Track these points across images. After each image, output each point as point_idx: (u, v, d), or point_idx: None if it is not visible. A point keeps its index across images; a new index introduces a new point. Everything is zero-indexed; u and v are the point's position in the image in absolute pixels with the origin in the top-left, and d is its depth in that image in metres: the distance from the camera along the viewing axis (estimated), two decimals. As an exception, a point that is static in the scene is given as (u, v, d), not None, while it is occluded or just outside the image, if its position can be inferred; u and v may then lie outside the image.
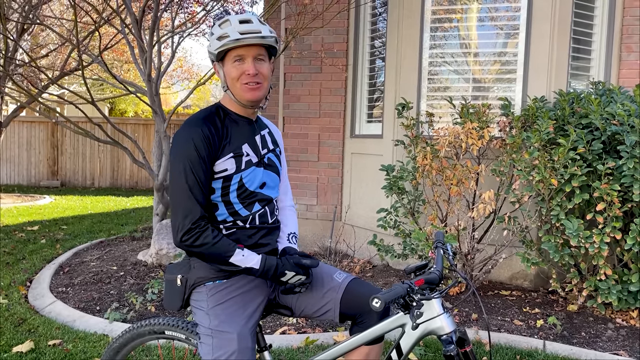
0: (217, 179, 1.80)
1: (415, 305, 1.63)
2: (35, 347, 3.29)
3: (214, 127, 1.79)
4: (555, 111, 4.10)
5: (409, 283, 1.64)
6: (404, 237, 4.35)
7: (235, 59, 1.78)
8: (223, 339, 1.74)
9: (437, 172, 4.13)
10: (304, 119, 5.81)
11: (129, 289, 4.33)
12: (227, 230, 1.84)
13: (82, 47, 5.75)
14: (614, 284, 3.64)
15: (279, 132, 2.13)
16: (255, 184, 1.86)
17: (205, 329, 1.79)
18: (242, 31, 1.75)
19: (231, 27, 1.76)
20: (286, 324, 3.67)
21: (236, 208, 1.84)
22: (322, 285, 1.92)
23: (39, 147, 12.86)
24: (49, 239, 6.41)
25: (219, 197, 1.82)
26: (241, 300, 1.83)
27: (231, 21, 1.79)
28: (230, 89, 1.83)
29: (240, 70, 1.78)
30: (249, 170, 1.84)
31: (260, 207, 1.88)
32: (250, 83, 1.79)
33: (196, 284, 1.85)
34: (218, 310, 1.80)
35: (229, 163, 1.80)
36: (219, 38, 1.77)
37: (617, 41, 4.76)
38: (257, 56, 1.79)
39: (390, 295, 1.56)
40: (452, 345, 1.67)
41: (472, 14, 4.81)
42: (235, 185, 1.82)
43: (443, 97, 4.84)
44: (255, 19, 1.80)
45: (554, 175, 3.72)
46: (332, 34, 5.64)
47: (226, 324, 1.76)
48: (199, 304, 1.84)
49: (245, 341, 1.75)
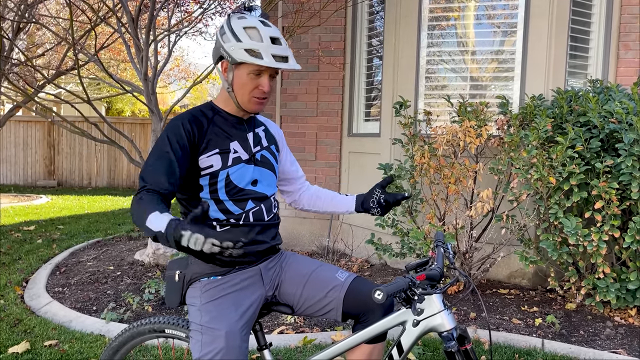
0: (204, 175, 1.81)
1: (417, 299, 1.64)
2: (31, 347, 3.27)
3: (199, 123, 1.82)
4: (553, 109, 4.10)
5: (410, 277, 1.64)
6: (402, 235, 4.34)
7: (253, 71, 1.78)
8: (212, 335, 1.73)
9: (435, 171, 4.12)
10: (301, 117, 5.79)
11: (125, 289, 4.31)
12: (222, 228, 1.84)
13: (78, 46, 5.72)
14: (612, 282, 3.64)
15: (279, 129, 2.11)
16: (245, 181, 1.85)
17: (196, 325, 1.78)
18: (275, 54, 1.74)
19: (263, 45, 1.73)
20: (284, 323, 3.65)
21: (227, 205, 1.83)
22: (325, 284, 1.91)
23: (35, 147, 12.82)
24: (45, 239, 6.39)
25: (207, 194, 1.83)
26: (234, 297, 1.82)
27: (261, 34, 1.75)
28: (235, 93, 1.82)
29: (255, 84, 1.79)
30: (237, 167, 1.83)
31: (255, 205, 1.87)
32: (260, 98, 1.82)
33: (192, 279, 1.85)
34: (210, 306, 1.79)
35: (215, 159, 1.80)
36: (248, 50, 1.73)
37: (614, 39, 4.76)
38: (272, 74, 1.81)
39: (393, 288, 1.56)
40: (453, 341, 1.67)
41: (470, 13, 4.80)
42: (223, 182, 1.81)
43: (441, 96, 4.83)
44: (281, 36, 1.79)
45: (552, 173, 3.71)
46: (329, 32, 5.62)
47: (216, 321, 1.75)
48: (192, 300, 1.84)
49: (234, 339, 1.73)
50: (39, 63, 10.26)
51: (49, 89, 10.90)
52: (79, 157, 12.90)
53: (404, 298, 1.70)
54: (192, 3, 7.21)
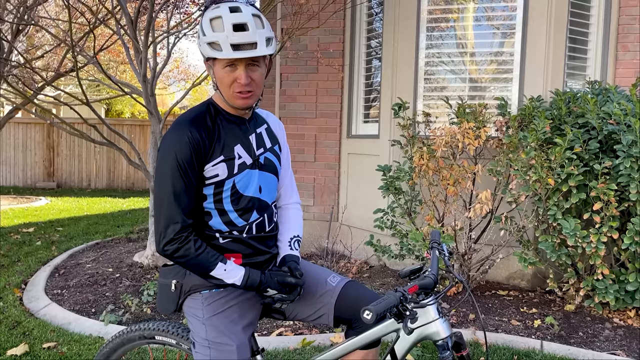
0: (208, 185, 1.70)
1: (409, 314, 1.58)
2: (30, 350, 3.26)
3: (204, 128, 1.68)
4: (552, 111, 4.10)
5: (402, 291, 1.57)
6: (401, 237, 4.34)
7: (226, 64, 1.64)
8: (222, 350, 1.70)
9: (433, 172, 4.12)
10: (300, 119, 5.79)
11: (124, 291, 4.30)
12: (224, 240, 1.76)
13: (77, 48, 5.72)
14: (611, 284, 3.64)
15: (281, 124, 1.96)
16: (250, 189, 1.75)
17: (201, 340, 1.74)
18: (235, 43, 1.58)
19: (223, 35, 1.58)
20: (282, 325, 3.65)
21: (231, 217, 1.74)
22: (316, 290, 1.88)
23: (34, 149, 12.81)
24: (44, 241, 6.38)
25: (211, 204, 1.73)
26: (239, 309, 1.78)
27: (224, 22, 1.60)
28: (220, 90, 1.70)
29: (231, 78, 1.65)
30: (243, 173, 1.73)
31: (259, 216, 1.78)
32: (243, 92, 1.67)
33: (191, 290, 1.79)
34: (215, 320, 1.74)
35: (220, 168, 1.69)
36: (210, 44, 1.61)
37: (613, 40, 4.76)
38: (251, 63, 1.65)
39: (382, 307, 1.50)
40: (448, 351, 1.63)
41: (469, 14, 4.81)
42: (229, 191, 1.71)
43: (439, 97, 4.83)
44: (251, 20, 1.61)
45: (550, 174, 3.71)
46: (328, 34, 5.62)
47: (225, 336, 1.71)
48: (193, 311, 1.78)
49: (245, 352, 1.72)
50: (38, 65, 10.26)
51: (48, 90, 10.89)
52: (78, 159, 12.90)
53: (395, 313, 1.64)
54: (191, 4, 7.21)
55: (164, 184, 1.64)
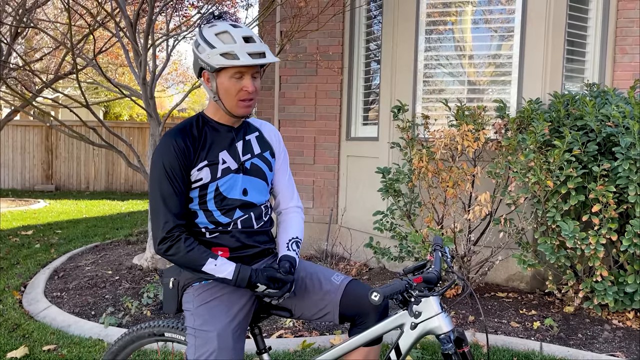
0: (194, 188, 1.84)
1: (414, 301, 1.66)
2: (30, 352, 3.26)
3: (190, 137, 1.82)
4: (551, 113, 4.11)
5: (407, 279, 1.66)
6: (400, 239, 4.35)
7: (234, 75, 1.78)
8: (204, 337, 1.77)
9: (433, 175, 4.13)
10: (299, 121, 5.80)
11: (124, 294, 4.30)
12: (211, 235, 1.88)
13: (76, 50, 5.73)
14: (610, 286, 3.65)
15: (277, 132, 2.07)
16: (234, 191, 1.87)
17: (190, 329, 1.83)
18: (250, 52, 1.74)
19: (237, 46, 1.74)
20: (283, 327, 3.65)
21: (215, 216, 1.86)
22: (321, 288, 1.94)
23: (33, 151, 12.80)
24: (43, 244, 6.38)
25: (197, 205, 1.86)
26: (226, 299, 1.85)
27: (233, 36, 1.76)
28: (222, 101, 1.83)
29: (238, 87, 1.79)
30: (227, 177, 1.85)
31: (243, 214, 1.89)
32: (247, 100, 1.82)
33: (186, 285, 1.90)
34: (202, 310, 1.83)
35: (204, 172, 1.83)
36: (224, 54, 1.74)
37: (611, 43, 4.78)
38: (254, 73, 1.81)
39: (389, 290, 1.58)
40: (450, 344, 1.69)
41: (467, 17, 4.82)
42: (212, 193, 1.84)
43: (438, 100, 4.84)
44: (254, 34, 1.80)
45: (549, 177, 3.73)
46: (327, 36, 5.64)
47: (208, 324, 1.79)
48: (187, 305, 1.89)
49: (226, 340, 1.76)
50: (37, 67, 10.25)
51: (47, 93, 10.90)
52: (77, 162, 12.89)
53: (400, 300, 1.72)
54: (190, 7, 7.22)
55: (155, 189, 1.80)
